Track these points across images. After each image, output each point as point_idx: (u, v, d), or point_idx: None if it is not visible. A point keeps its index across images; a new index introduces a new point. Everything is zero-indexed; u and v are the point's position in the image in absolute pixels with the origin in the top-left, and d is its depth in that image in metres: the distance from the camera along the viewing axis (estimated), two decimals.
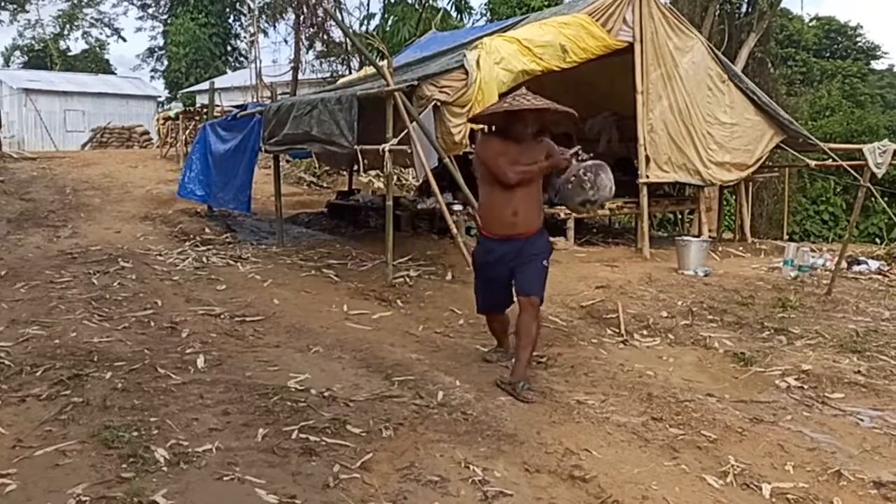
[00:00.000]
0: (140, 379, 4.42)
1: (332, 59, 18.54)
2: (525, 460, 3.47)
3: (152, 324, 5.67)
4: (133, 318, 5.81)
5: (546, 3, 19.07)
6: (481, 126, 8.10)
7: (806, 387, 4.42)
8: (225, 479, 3.22)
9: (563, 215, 8.97)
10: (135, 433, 3.63)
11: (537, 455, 3.52)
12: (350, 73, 16.24)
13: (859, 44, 35.83)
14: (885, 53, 43.61)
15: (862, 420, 3.96)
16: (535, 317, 4.32)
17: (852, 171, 9.31)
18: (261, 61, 21.38)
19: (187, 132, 17.08)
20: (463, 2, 20.41)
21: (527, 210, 4.40)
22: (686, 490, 3.25)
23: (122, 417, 3.83)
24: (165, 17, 43.10)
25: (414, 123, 6.80)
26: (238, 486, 3.16)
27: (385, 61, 7.19)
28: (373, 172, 13.27)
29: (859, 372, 4.65)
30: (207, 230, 10.08)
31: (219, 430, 3.72)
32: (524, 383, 4.22)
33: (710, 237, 9.39)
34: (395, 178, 14.54)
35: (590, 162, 4.46)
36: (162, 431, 3.67)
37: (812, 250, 8.65)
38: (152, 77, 45.34)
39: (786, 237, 11.54)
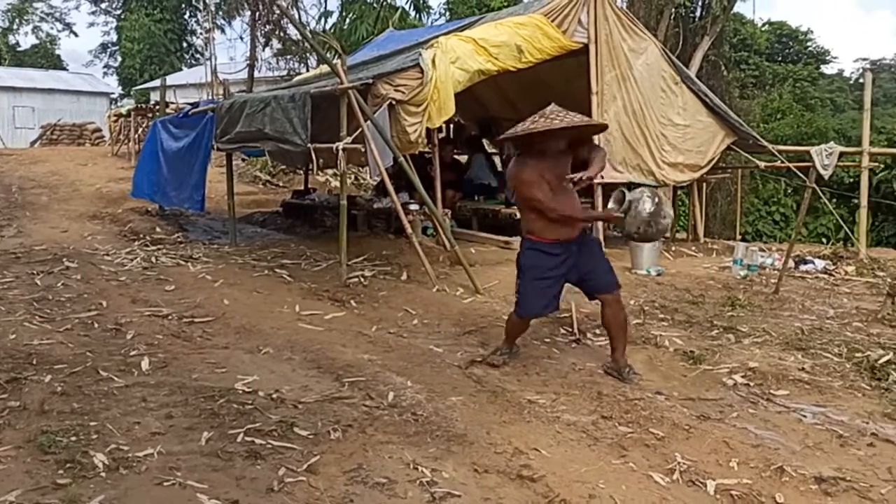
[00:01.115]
0: (81, 382, 4.31)
1: (288, 56, 18.36)
2: (474, 460, 3.45)
3: (96, 325, 5.53)
4: (76, 319, 5.66)
5: (505, 4, 19.14)
6: (437, 127, 8.12)
7: (752, 384, 4.48)
8: (165, 484, 3.14)
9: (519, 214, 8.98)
10: (73, 438, 3.52)
11: (486, 455, 3.50)
12: (307, 70, 16.10)
13: (810, 48, 36.68)
14: (835, 58, 44.87)
15: (805, 416, 4.02)
16: (623, 307, 4.73)
17: (799, 173, 9.50)
18: (216, 58, 21.09)
19: (140, 130, 16.76)
20: (421, 1, 20.37)
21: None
22: (633, 488, 3.26)
23: (61, 422, 3.72)
24: (119, 12, 42.26)
25: (368, 122, 6.74)
26: (179, 492, 3.09)
27: (339, 59, 7.11)
28: (329, 171, 13.15)
29: (804, 369, 4.72)
30: (158, 229, 9.91)
31: (161, 434, 3.63)
32: (628, 368, 4.58)
33: (663, 237, 9.49)
34: (352, 177, 14.49)
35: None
36: (102, 436, 3.57)
37: (762, 250, 8.80)
38: (105, 73, 44.51)
39: (738, 237, 11.73)
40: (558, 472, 3.36)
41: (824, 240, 14.36)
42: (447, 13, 22.03)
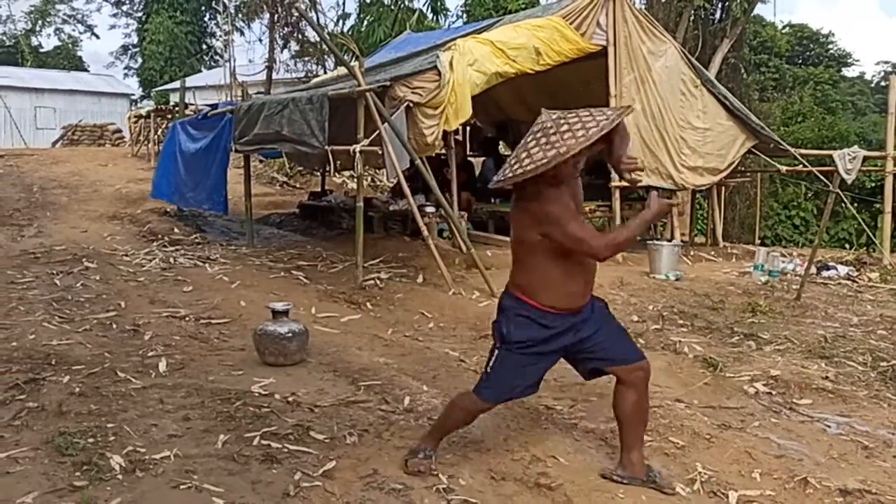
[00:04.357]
0: (98, 383, 4.31)
1: (307, 58, 18.40)
2: (491, 468, 3.41)
3: (114, 326, 5.55)
4: (95, 320, 5.69)
5: (522, 6, 19.07)
6: (454, 129, 8.07)
7: (774, 392, 4.41)
8: (182, 487, 3.13)
9: None
10: (90, 440, 3.52)
11: (503, 462, 3.46)
12: (325, 73, 16.13)
13: (831, 51, 36.33)
14: (857, 61, 44.41)
15: (829, 427, 3.95)
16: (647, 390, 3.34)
17: (822, 177, 9.38)
18: (235, 59, 21.20)
19: (159, 131, 16.87)
20: (439, 3, 20.35)
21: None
22: (652, 498, 3.21)
23: (78, 423, 3.73)
24: (140, 14, 42.56)
25: (385, 124, 6.73)
26: (195, 495, 3.08)
27: (357, 61, 7.11)
28: (346, 173, 13.18)
29: (827, 378, 4.65)
30: (176, 230, 9.95)
31: (178, 437, 3.63)
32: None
33: (682, 241, 9.41)
34: (369, 179, 14.49)
35: None
36: (119, 438, 3.57)
37: (783, 255, 8.70)
38: (126, 75, 44.80)
39: (758, 241, 11.61)
40: (577, 481, 3.31)
41: (846, 245, 14.18)
42: (465, 15, 21.99)
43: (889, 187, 9.29)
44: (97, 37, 57.01)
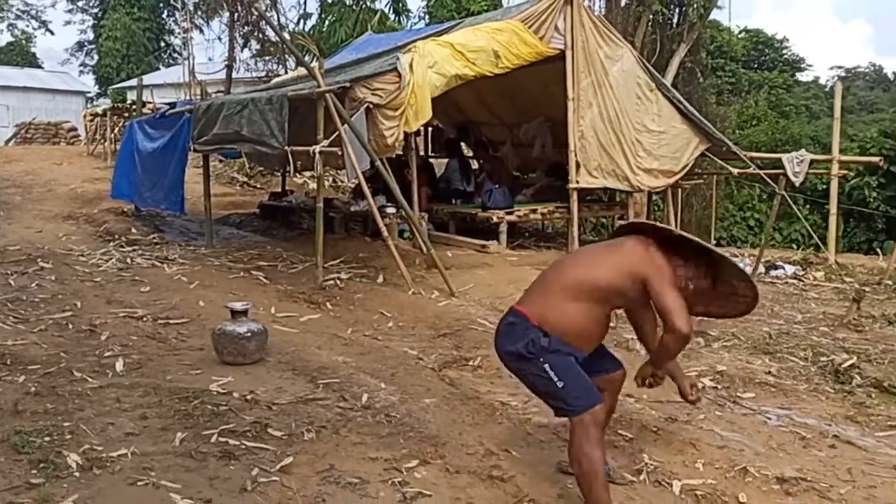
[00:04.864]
0: (55, 383, 4.32)
1: (267, 58, 18.33)
2: (446, 461, 3.49)
3: (70, 326, 5.53)
4: (50, 320, 5.65)
5: (485, 8, 19.23)
6: (414, 131, 8.14)
7: (720, 387, 4.58)
8: (139, 484, 3.16)
9: (495, 219, 9.06)
10: (47, 438, 3.53)
11: (458, 456, 3.55)
12: (286, 72, 16.09)
13: (785, 56, 37.17)
14: (810, 66, 45.40)
15: (770, 419, 4.12)
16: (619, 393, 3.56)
17: (768, 180, 9.65)
18: (194, 58, 21.00)
19: (116, 129, 16.66)
20: (400, 4, 20.42)
21: None
22: None
23: (35, 422, 3.73)
24: (96, 10, 41.84)
25: (345, 125, 6.78)
26: (152, 492, 3.12)
27: (317, 62, 7.15)
28: (307, 173, 13.14)
29: (770, 372, 4.83)
30: (134, 230, 9.88)
31: (135, 435, 3.65)
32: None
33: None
34: (330, 179, 14.50)
35: None
36: (75, 436, 3.58)
37: (734, 255, 8.94)
38: (81, 72, 43.99)
39: (713, 242, 11.87)
40: (528, 473, 3.42)
41: (794, 245, 14.56)
42: (426, 17, 22.09)
43: (835, 190, 9.59)
44: (52, 33, 55.96)
